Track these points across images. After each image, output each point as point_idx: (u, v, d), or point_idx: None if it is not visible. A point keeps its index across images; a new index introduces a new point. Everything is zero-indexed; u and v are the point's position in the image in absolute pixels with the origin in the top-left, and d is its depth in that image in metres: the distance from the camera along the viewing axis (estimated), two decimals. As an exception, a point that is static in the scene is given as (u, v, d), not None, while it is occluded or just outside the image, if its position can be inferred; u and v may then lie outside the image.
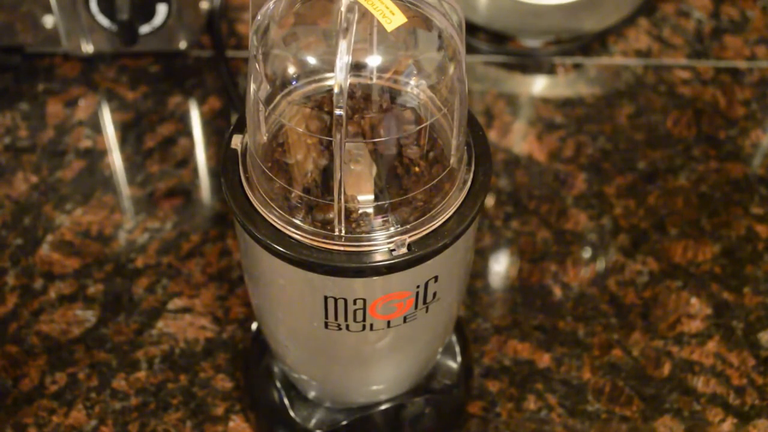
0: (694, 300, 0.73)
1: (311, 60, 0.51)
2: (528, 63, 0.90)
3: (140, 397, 0.68)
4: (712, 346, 0.71)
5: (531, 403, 0.68)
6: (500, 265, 0.76)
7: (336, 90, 0.44)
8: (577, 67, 0.90)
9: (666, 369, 0.70)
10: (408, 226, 0.48)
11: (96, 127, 0.84)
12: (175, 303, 0.73)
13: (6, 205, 0.78)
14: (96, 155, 0.82)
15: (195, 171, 0.81)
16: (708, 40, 0.92)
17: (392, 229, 0.48)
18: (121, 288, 0.73)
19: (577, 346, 0.71)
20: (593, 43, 0.92)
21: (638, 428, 0.67)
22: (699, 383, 0.69)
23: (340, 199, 0.46)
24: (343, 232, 0.47)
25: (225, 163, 0.51)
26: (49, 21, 0.83)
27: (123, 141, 0.83)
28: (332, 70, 0.45)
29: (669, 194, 0.80)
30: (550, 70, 0.90)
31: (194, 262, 0.75)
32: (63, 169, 0.81)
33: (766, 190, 0.81)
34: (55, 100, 0.86)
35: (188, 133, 0.84)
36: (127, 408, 0.67)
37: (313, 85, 0.52)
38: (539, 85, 0.90)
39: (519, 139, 0.84)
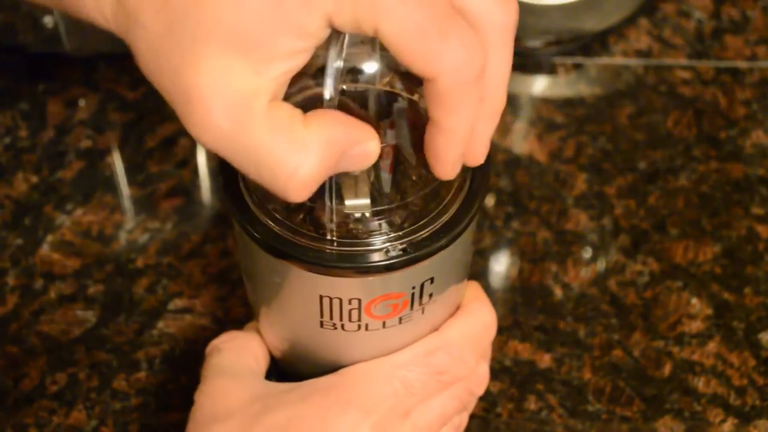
0: (694, 300, 0.73)
1: (307, 64, 0.51)
2: (528, 63, 0.90)
3: (141, 397, 0.68)
4: (712, 346, 0.71)
5: (531, 404, 0.68)
6: (500, 266, 0.76)
7: (326, 96, 0.44)
8: (577, 67, 0.90)
9: (667, 369, 0.70)
10: (404, 227, 0.48)
11: (96, 127, 0.84)
12: (176, 303, 0.73)
13: (6, 205, 0.78)
14: (96, 155, 0.82)
15: (195, 171, 0.81)
16: (708, 41, 0.92)
17: (388, 230, 0.48)
18: (121, 288, 0.73)
19: (578, 347, 0.71)
20: (594, 43, 0.91)
21: (639, 428, 0.67)
22: (700, 384, 0.69)
23: (333, 201, 0.46)
24: (339, 233, 0.47)
25: (224, 163, 0.51)
26: (49, 21, 0.83)
27: (123, 141, 0.83)
28: (329, 75, 0.45)
29: (669, 194, 0.80)
30: (551, 70, 0.90)
31: (195, 263, 0.75)
32: (63, 169, 0.81)
33: (767, 191, 0.80)
34: (56, 100, 0.86)
35: (188, 134, 0.84)
36: (128, 408, 0.67)
37: (314, 90, 0.52)
38: (539, 85, 0.90)
39: (519, 139, 0.84)
